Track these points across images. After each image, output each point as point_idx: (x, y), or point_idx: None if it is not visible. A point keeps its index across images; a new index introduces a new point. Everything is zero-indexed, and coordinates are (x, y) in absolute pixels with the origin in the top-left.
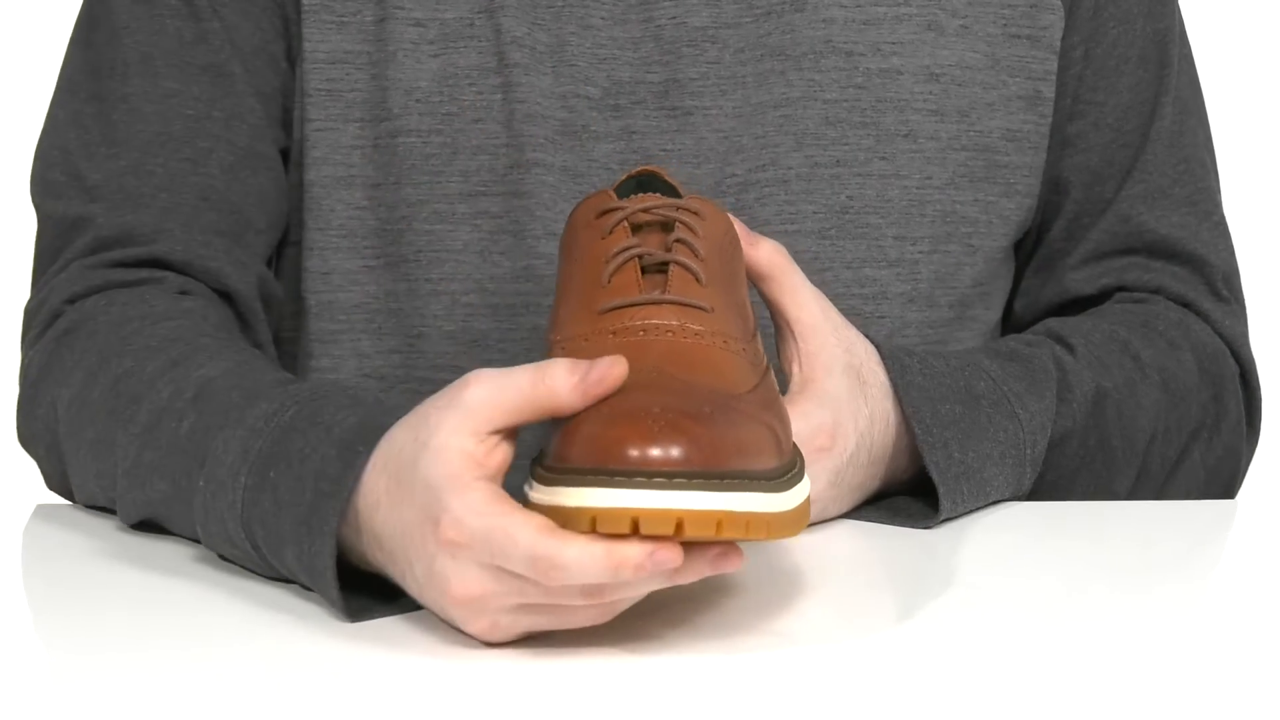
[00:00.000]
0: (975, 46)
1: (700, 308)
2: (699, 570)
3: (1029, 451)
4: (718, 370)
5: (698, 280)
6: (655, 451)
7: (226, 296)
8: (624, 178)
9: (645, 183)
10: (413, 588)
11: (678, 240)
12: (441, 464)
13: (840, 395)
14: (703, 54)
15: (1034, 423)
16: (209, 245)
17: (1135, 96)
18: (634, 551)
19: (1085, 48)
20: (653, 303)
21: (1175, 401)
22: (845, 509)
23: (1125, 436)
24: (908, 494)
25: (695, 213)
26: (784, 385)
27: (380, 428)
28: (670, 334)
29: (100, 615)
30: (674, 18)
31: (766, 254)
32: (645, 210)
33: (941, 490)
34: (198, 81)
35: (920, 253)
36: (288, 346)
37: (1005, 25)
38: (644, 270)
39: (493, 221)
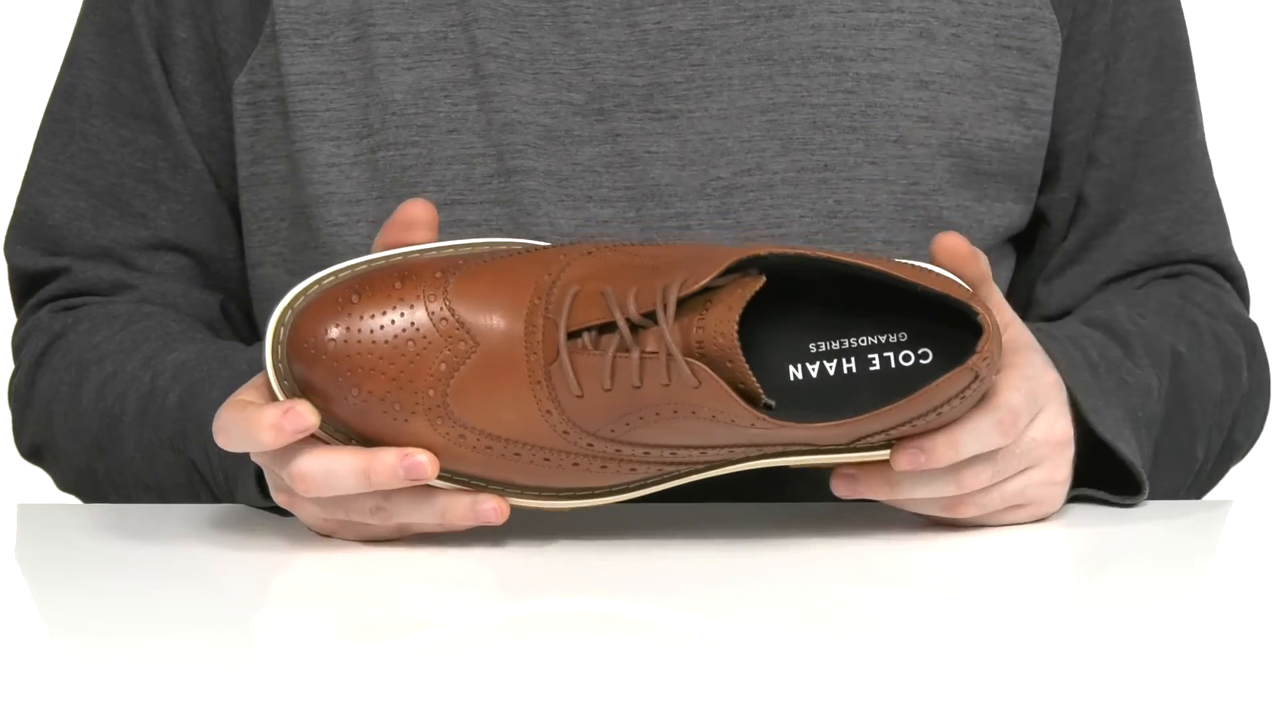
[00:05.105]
0: (966, 55)
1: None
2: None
3: (1140, 414)
4: None
5: None
6: None
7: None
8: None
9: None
10: None
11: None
12: None
13: None
14: (687, 57)
15: (1139, 385)
16: (167, 286)
17: (1151, 108)
18: (388, 457)
19: (1106, 62)
20: None
21: (1229, 365)
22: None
23: (1199, 397)
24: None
25: None
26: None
27: None
28: None
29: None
30: (659, 22)
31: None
32: None
33: (1126, 451)
34: (145, 131)
35: (906, 257)
36: None
37: (997, 36)
38: None
39: (470, 230)
